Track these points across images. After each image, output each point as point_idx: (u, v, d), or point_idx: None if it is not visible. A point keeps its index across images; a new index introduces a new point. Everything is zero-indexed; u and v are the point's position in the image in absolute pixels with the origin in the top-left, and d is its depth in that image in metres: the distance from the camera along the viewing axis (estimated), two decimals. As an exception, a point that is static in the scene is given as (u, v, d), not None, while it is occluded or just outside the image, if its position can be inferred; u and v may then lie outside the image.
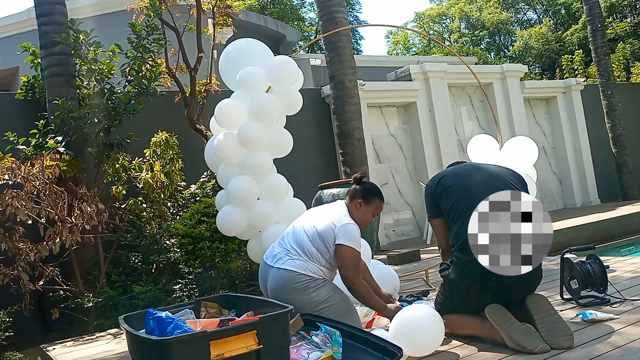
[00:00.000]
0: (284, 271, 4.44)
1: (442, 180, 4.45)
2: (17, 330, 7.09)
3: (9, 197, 6.71)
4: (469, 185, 4.28)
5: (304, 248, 4.50)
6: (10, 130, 8.20)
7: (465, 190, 4.25)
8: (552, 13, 43.18)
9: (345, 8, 11.04)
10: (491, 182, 4.24)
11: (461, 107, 15.01)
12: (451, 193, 4.32)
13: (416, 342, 3.97)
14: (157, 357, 3.17)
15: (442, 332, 4.04)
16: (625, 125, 16.39)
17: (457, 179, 4.39)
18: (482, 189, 4.14)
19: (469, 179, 4.34)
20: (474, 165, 4.63)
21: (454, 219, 4.24)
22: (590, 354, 3.55)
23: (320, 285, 4.41)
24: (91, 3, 15.22)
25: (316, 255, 4.46)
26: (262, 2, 39.83)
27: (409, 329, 3.99)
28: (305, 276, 4.39)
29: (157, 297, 7.25)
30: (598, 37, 16.63)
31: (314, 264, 4.46)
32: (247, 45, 6.57)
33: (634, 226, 11.72)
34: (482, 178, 4.32)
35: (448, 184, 4.38)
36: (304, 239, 4.53)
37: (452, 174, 4.49)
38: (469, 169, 4.51)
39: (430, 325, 4.00)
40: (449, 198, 4.31)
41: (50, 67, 8.66)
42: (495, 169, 4.50)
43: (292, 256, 4.49)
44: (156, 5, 9.08)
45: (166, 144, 8.82)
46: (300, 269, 4.41)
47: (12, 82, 16.54)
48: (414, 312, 4.14)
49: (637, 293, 4.93)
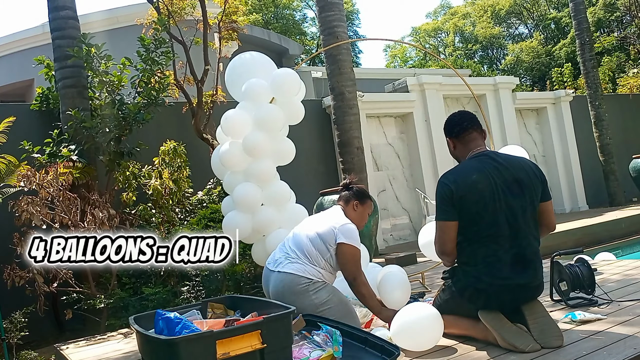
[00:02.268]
0: (284, 274, 4.46)
1: (464, 183, 3.96)
2: (32, 330, 7.09)
3: (25, 203, 6.73)
4: (493, 206, 3.89)
5: (303, 250, 4.52)
6: (26, 139, 8.23)
7: (490, 212, 3.90)
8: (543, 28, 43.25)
9: (345, 23, 11.05)
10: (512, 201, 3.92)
11: (456, 117, 14.99)
12: (473, 206, 3.93)
13: (417, 337, 4.04)
14: (166, 355, 3.17)
15: (441, 329, 4.08)
16: (612, 135, 16.39)
17: (478, 191, 3.92)
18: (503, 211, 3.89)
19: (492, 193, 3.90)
20: (496, 167, 4.01)
21: (474, 236, 3.97)
22: (579, 352, 3.55)
23: (319, 288, 4.41)
24: (102, 18, 15.24)
25: (315, 257, 4.48)
26: (266, 17, 39.96)
27: (411, 324, 4.05)
28: (304, 279, 4.40)
29: (166, 298, 7.25)
30: (586, 50, 16.65)
31: (313, 266, 4.47)
32: (252, 59, 6.58)
33: (620, 231, 11.73)
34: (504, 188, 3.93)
35: (471, 197, 3.93)
36: (304, 241, 4.57)
37: (480, 186, 3.93)
38: (490, 171, 3.98)
39: (430, 322, 4.05)
40: (469, 210, 3.94)
41: (63, 79, 8.70)
42: (519, 175, 4.01)
43: (292, 260, 4.51)
44: (164, 20, 9.11)
45: (174, 153, 8.82)
46: (300, 272, 4.42)
47: (27, 93, 16.56)
48: (415, 309, 4.17)
49: (623, 295, 4.93)
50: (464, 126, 4.23)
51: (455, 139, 4.27)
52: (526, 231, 3.96)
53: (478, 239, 3.96)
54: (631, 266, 6.29)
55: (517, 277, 3.90)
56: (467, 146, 4.22)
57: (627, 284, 5.36)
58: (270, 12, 41.68)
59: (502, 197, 3.92)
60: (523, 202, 3.96)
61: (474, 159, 4.12)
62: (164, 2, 10.43)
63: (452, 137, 4.29)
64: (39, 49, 13.81)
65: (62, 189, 7.12)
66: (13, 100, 16.00)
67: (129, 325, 5.79)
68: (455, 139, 4.27)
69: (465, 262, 4.07)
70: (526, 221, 3.96)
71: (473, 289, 4.01)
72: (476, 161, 4.09)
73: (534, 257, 3.98)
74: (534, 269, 3.97)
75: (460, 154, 4.26)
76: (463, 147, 4.24)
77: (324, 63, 11.13)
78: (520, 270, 3.91)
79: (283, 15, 42.65)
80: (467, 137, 4.22)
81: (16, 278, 6.69)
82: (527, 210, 3.97)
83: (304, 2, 44.91)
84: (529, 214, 3.98)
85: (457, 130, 4.25)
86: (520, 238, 3.93)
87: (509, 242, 3.90)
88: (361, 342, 3.92)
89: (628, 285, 5.33)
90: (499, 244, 3.90)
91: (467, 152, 4.21)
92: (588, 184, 16.71)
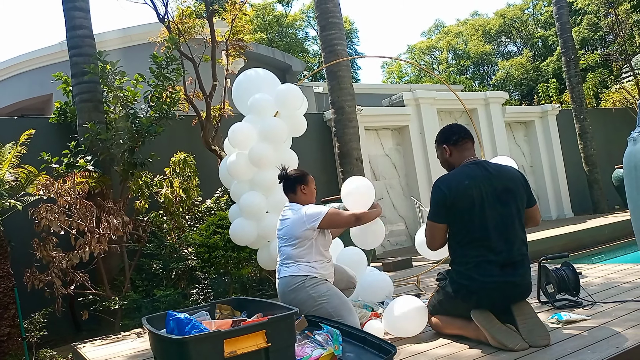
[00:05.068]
0: (282, 279, 4.65)
1: (457, 189, 4.02)
2: (50, 330, 7.12)
3: (44, 211, 6.74)
4: (483, 211, 3.96)
5: (289, 254, 4.67)
6: (45, 150, 8.26)
7: (480, 217, 3.97)
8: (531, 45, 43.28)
9: (344, 41, 11.08)
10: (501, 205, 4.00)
11: (449, 130, 14.98)
12: (464, 211, 4.01)
13: (406, 325, 4.48)
14: (176, 354, 3.17)
15: (424, 318, 4.47)
16: (596, 147, 16.40)
17: (470, 197, 3.99)
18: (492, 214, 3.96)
19: (482, 200, 3.98)
20: (487, 175, 4.09)
21: (464, 239, 4.04)
22: (564, 351, 3.56)
23: (317, 283, 4.53)
24: (117, 36, 15.27)
25: (300, 253, 4.63)
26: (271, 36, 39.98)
27: (399, 315, 4.46)
28: (299, 277, 4.55)
29: (176, 300, 7.26)
30: (571, 67, 16.67)
31: (305, 264, 4.61)
32: (257, 75, 6.61)
33: (603, 236, 11.72)
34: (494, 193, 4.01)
35: (463, 200, 4.00)
36: (284, 246, 4.74)
37: (470, 191, 4.00)
38: (482, 179, 4.06)
39: (415, 312, 4.46)
40: (461, 215, 4.02)
41: (80, 94, 8.72)
42: (506, 183, 4.10)
43: (287, 264, 4.67)
44: (175, 39, 9.14)
45: (184, 163, 8.84)
46: (295, 272, 4.58)
47: (46, 107, 16.59)
48: (402, 303, 4.51)
49: (606, 297, 4.93)
50: (462, 135, 4.30)
51: (452, 146, 4.30)
52: (515, 235, 4.00)
53: (470, 242, 4.01)
54: (613, 270, 6.29)
55: (508, 276, 3.93)
56: (462, 154, 4.27)
57: (610, 287, 5.36)
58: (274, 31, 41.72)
59: (492, 203, 3.99)
60: (511, 208, 4.03)
61: (467, 167, 4.18)
62: (175, 22, 10.48)
63: (450, 144, 4.31)
64: (58, 65, 13.83)
65: (78, 197, 7.13)
66: (33, 114, 16.04)
67: (141, 326, 5.80)
68: (453, 146, 4.30)
69: (458, 263, 4.11)
70: (514, 226, 4.01)
71: (466, 288, 4.03)
72: (469, 169, 4.15)
73: (522, 258, 4.02)
74: (524, 270, 4.01)
75: (455, 161, 4.30)
76: (458, 154, 4.28)
77: (325, 79, 11.16)
78: (511, 271, 3.94)
79: (287, 34, 42.68)
80: (464, 145, 4.28)
81: (35, 281, 6.69)
82: (515, 216, 4.03)
83: (306, 21, 44.98)
84: (516, 219, 4.04)
85: (455, 139, 4.30)
86: (509, 243, 3.97)
87: (498, 246, 3.94)
88: (360, 341, 3.93)
89: (610, 288, 5.33)
90: (489, 247, 3.94)
91: (461, 159, 4.26)
92: (573, 192, 16.71)
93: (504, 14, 45.85)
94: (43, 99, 16.36)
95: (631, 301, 4.67)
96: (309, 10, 42.85)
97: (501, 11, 46.43)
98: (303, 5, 45.85)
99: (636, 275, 5.80)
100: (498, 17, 46.19)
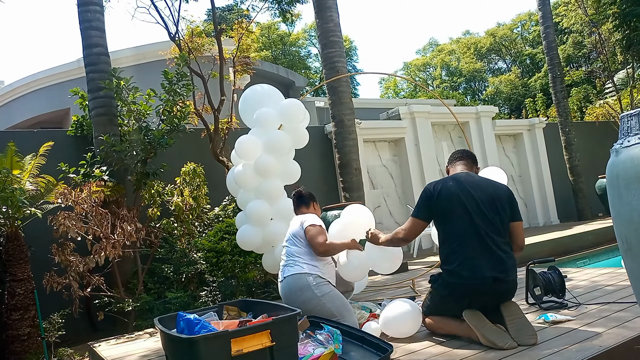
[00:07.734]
0: (289, 277, 4.69)
1: (442, 189, 4.21)
2: (68, 330, 7.12)
3: (62, 218, 6.75)
4: (469, 213, 4.07)
5: (293, 254, 4.77)
6: (63, 161, 8.28)
7: (466, 216, 4.07)
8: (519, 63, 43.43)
9: (344, 58, 11.10)
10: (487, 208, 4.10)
11: (442, 142, 14.99)
12: (450, 211, 4.14)
13: (400, 327, 4.44)
14: (186, 352, 3.18)
15: (418, 319, 4.48)
16: (581, 157, 16.40)
17: (456, 197, 4.14)
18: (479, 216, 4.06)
19: (467, 200, 4.12)
20: (471, 182, 4.27)
21: (452, 237, 4.11)
22: (551, 350, 3.56)
23: (320, 283, 4.60)
24: (131, 54, 15.33)
25: (301, 252, 4.76)
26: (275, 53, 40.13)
27: (395, 317, 4.44)
28: (304, 275, 4.62)
29: (187, 302, 7.25)
30: (557, 83, 16.70)
31: (307, 263, 4.69)
32: (262, 90, 6.61)
33: (587, 242, 11.71)
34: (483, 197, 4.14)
35: (448, 200, 4.16)
36: (289, 246, 4.87)
37: (453, 190, 4.19)
38: (467, 184, 4.23)
39: (409, 314, 4.44)
40: (448, 213, 4.15)
41: (96, 108, 8.75)
42: (490, 192, 4.23)
43: (290, 265, 4.75)
44: (185, 56, 9.16)
45: (194, 173, 8.86)
46: (299, 271, 4.65)
47: (64, 120, 16.64)
48: (397, 306, 4.51)
49: (590, 299, 4.94)
50: (457, 156, 4.68)
51: (450, 166, 4.70)
52: (498, 238, 4.06)
53: (459, 243, 4.06)
54: (597, 274, 6.30)
55: (495, 272, 3.95)
56: (455, 169, 4.57)
57: (594, 290, 5.37)
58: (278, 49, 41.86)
59: (477, 205, 4.11)
60: (493, 214, 4.11)
61: (456, 174, 4.43)
62: (185, 40, 10.51)
63: (449, 165, 4.70)
64: (75, 81, 13.88)
65: (94, 205, 7.14)
66: (51, 127, 16.09)
67: (154, 326, 5.80)
68: (450, 165, 4.69)
69: (448, 263, 4.13)
70: (497, 230, 4.08)
71: (456, 286, 4.06)
72: (458, 175, 4.41)
73: (507, 258, 4.04)
74: (509, 267, 4.04)
75: (449, 174, 4.55)
76: (453, 170, 4.57)
77: (326, 94, 11.16)
78: (499, 269, 3.98)
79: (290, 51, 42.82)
80: (458, 162, 4.63)
81: (54, 284, 6.70)
82: (498, 220, 4.11)
83: (308, 40, 45.14)
84: (500, 224, 4.11)
85: (451, 159, 4.72)
86: (495, 244, 4.02)
87: (483, 247, 4.00)
88: (359, 340, 3.96)
89: (594, 290, 5.34)
90: (474, 248, 4.00)
91: (454, 172, 4.51)
92: (559, 200, 16.69)
93: (494, 33, 46.05)
94: (61, 113, 16.43)
95: (614, 303, 4.68)
96: (311, 29, 43.01)
97: (491, 30, 46.64)
98: (305, 24, 45.89)
99: (618, 278, 5.81)
100: (488, 36, 46.40)
